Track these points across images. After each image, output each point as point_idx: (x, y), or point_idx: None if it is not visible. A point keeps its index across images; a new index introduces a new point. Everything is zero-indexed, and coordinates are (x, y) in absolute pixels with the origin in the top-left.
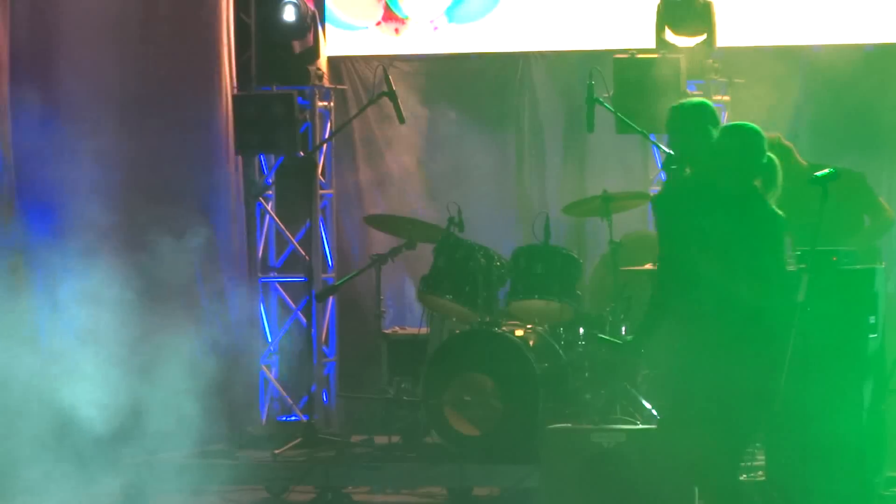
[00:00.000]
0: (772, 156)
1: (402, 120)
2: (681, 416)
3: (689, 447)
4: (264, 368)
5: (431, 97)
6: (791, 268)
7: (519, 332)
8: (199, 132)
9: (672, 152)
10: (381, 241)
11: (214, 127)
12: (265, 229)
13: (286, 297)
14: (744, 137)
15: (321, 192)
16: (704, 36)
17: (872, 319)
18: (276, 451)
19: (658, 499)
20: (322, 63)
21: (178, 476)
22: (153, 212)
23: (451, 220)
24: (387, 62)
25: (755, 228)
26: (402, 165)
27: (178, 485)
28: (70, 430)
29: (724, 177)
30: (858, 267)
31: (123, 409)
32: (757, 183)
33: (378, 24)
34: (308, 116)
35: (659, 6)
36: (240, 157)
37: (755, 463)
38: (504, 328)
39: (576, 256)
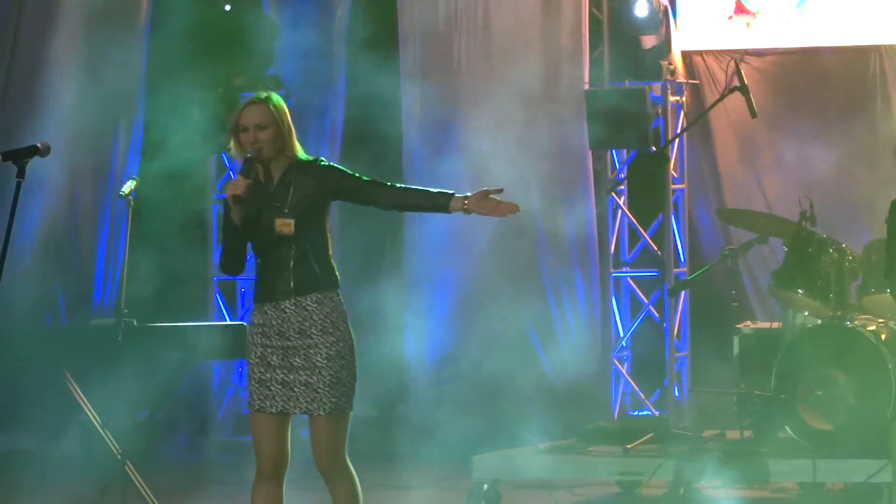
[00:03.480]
0: None
1: (754, 115)
2: None
3: None
4: (616, 363)
5: (783, 91)
6: None
7: (871, 327)
8: (551, 127)
9: None
10: (735, 236)
11: (571, 121)
12: (617, 224)
13: (638, 291)
14: None
15: (673, 186)
16: None
17: None
18: (628, 446)
19: None
20: (674, 58)
21: (527, 470)
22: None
23: (802, 213)
24: (738, 56)
25: None
26: (753, 159)
27: (528, 479)
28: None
29: None
30: None
31: (473, 402)
32: None
33: (729, 17)
34: (660, 111)
35: None
36: (591, 152)
37: None
38: (856, 322)
39: None
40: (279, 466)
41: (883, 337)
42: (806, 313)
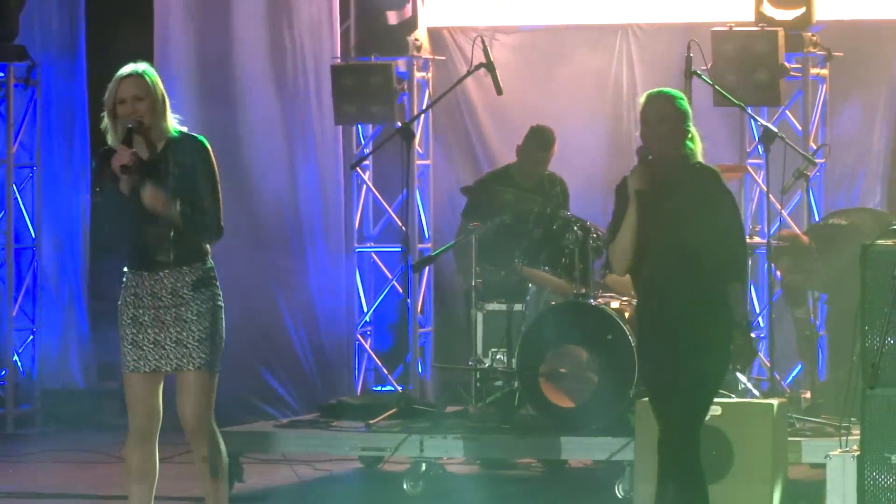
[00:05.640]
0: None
1: (499, 91)
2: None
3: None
4: (360, 338)
5: (532, 69)
6: None
7: (615, 305)
8: (297, 102)
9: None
10: None
11: (313, 97)
12: (362, 199)
13: (382, 267)
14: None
15: (418, 162)
16: (803, 9)
17: None
18: (371, 422)
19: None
20: (421, 33)
21: (269, 445)
22: (249, 181)
23: (549, 192)
24: (486, 33)
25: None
26: (501, 137)
27: (270, 453)
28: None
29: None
30: None
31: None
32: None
33: None
34: (406, 87)
35: None
36: (338, 128)
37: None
38: (600, 300)
39: None
40: (152, 425)
41: (626, 315)
42: (550, 290)
